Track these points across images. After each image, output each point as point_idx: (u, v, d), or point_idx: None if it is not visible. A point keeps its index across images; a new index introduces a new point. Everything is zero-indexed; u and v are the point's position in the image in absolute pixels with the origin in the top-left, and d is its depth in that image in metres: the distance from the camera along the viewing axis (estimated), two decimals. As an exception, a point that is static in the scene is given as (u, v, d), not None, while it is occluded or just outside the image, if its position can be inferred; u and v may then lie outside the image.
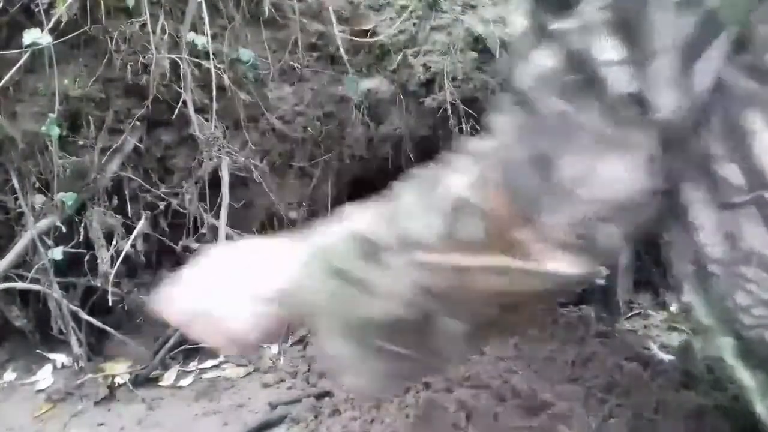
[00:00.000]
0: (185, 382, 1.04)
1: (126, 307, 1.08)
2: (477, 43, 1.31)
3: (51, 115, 0.99)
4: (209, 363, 1.08)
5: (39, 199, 1.05)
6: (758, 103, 0.52)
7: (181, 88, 1.08)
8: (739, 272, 0.54)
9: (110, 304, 1.05)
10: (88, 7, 1.01)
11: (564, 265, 0.57)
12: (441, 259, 0.61)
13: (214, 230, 1.11)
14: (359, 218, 0.69)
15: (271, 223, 1.20)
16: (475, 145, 0.64)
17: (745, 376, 0.59)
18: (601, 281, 1.18)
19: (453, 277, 0.61)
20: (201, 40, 1.08)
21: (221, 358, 1.10)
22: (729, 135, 0.53)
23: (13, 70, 0.98)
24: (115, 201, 1.10)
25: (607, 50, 0.53)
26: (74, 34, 1.01)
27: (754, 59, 0.52)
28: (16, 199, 1.04)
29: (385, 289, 0.63)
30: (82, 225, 1.06)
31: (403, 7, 1.33)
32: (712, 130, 0.54)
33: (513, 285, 0.60)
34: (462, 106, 1.28)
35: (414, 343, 0.64)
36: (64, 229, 1.04)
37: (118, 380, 1.00)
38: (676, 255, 0.61)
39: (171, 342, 1.04)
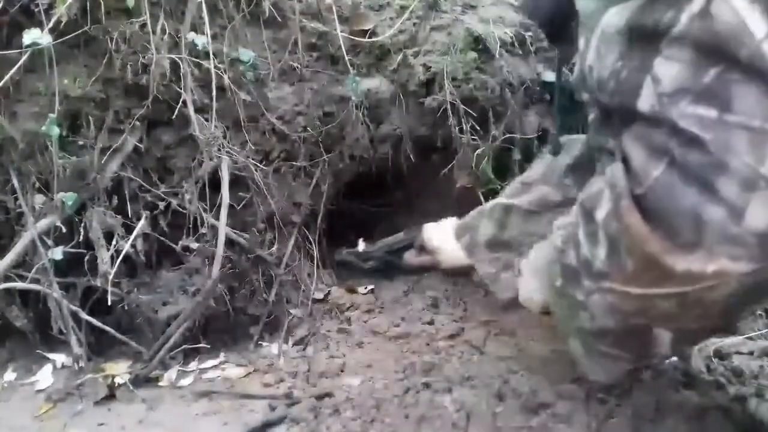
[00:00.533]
0: (185, 381, 1.03)
1: (126, 307, 1.08)
2: (477, 43, 1.31)
3: (51, 115, 0.99)
4: (209, 363, 1.08)
5: (39, 199, 1.05)
6: None
7: (181, 88, 1.08)
8: None
9: (110, 304, 1.05)
10: (88, 8, 1.01)
11: (742, 268, 0.52)
12: (621, 288, 0.60)
13: (214, 230, 1.11)
14: (557, 236, 0.73)
15: (270, 223, 1.20)
16: (608, 172, 0.59)
17: None
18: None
19: (636, 302, 0.60)
20: (201, 40, 1.08)
21: (221, 358, 1.10)
22: None
23: (13, 70, 0.98)
24: (115, 201, 1.10)
25: (759, 24, 0.47)
26: (74, 34, 1.01)
27: None
28: (16, 199, 1.04)
29: (592, 307, 0.66)
30: (82, 225, 1.06)
31: (403, 7, 1.33)
32: None
33: (695, 300, 0.56)
34: (462, 106, 1.28)
35: (631, 348, 0.68)
36: (64, 229, 1.04)
37: (118, 380, 1.00)
38: None
39: (171, 342, 1.04)
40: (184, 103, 1.08)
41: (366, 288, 1.30)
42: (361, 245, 1.40)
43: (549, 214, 1.02)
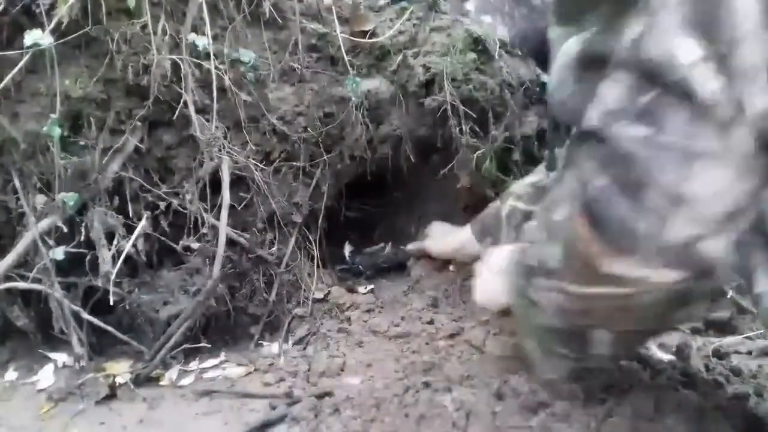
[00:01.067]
0: (186, 381, 1.04)
1: (127, 307, 1.08)
2: (476, 44, 1.31)
3: (52, 115, 0.99)
4: (210, 362, 1.09)
5: (40, 200, 1.05)
6: None
7: (181, 89, 1.08)
8: None
9: (111, 303, 1.05)
10: (89, 8, 1.02)
11: (673, 276, 0.57)
12: (567, 287, 0.66)
13: (215, 230, 1.11)
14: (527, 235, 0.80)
15: (271, 223, 1.21)
16: (567, 179, 0.64)
17: None
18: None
19: (579, 301, 0.66)
20: (202, 41, 1.09)
21: (222, 358, 1.10)
22: None
23: (15, 70, 0.98)
24: (116, 201, 1.10)
25: (691, 50, 0.50)
26: (75, 34, 1.02)
27: None
28: (18, 199, 1.04)
29: (543, 305, 0.72)
30: (84, 225, 1.07)
31: (403, 9, 1.34)
32: None
33: (631, 303, 0.61)
34: (461, 106, 1.28)
35: (574, 348, 0.74)
36: (65, 229, 1.04)
37: (119, 380, 1.00)
38: (749, 247, 0.60)
39: (172, 341, 1.04)
40: (185, 103, 1.08)
41: (366, 288, 1.30)
42: (348, 248, 1.44)
43: None
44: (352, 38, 1.27)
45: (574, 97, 0.64)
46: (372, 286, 1.31)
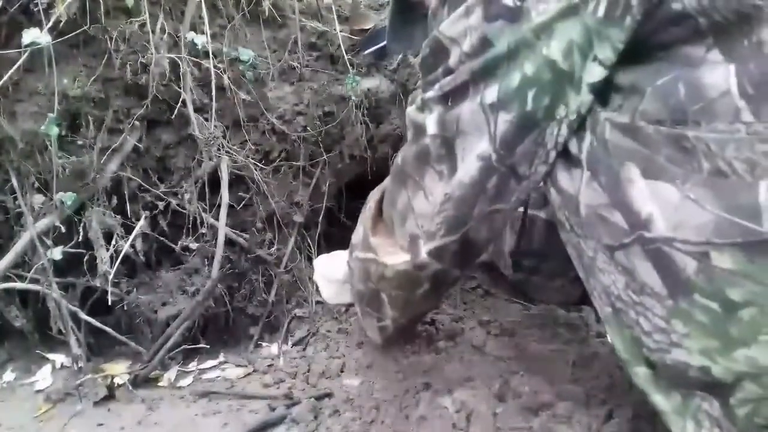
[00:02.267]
0: (185, 382, 1.03)
1: (125, 307, 1.07)
2: (477, 42, 1.30)
3: (50, 114, 0.99)
4: (209, 363, 1.08)
5: (38, 199, 1.04)
6: (634, 157, 0.58)
7: (180, 88, 1.08)
8: (638, 301, 0.60)
9: (110, 304, 1.05)
10: (87, 7, 1.01)
11: (396, 259, 0.79)
12: (357, 254, 0.89)
13: (214, 230, 1.10)
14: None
15: (270, 223, 1.20)
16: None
17: (661, 401, 0.63)
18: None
19: (360, 264, 0.87)
20: (200, 40, 1.08)
21: (221, 359, 1.10)
22: (613, 186, 0.59)
23: (13, 69, 0.98)
24: (115, 201, 1.10)
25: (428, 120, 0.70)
26: (73, 33, 1.01)
27: (630, 122, 0.58)
28: (16, 198, 1.04)
29: (353, 273, 0.93)
30: (82, 225, 1.06)
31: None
32: (600, 183, 0.60)
33: (383, 270, 0.81)
34: (462, 105, 1.28)
35: (375, 308, 0.90)
36: (63, 229, 1.04)
37: (117, 380, 1.00)
38: (597, 301, 0.67)
39: (170, 342, 1.04)
40: (184, 102, 1.08)
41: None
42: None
43: None
44: (352, 37, 1.27)
45: None
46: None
